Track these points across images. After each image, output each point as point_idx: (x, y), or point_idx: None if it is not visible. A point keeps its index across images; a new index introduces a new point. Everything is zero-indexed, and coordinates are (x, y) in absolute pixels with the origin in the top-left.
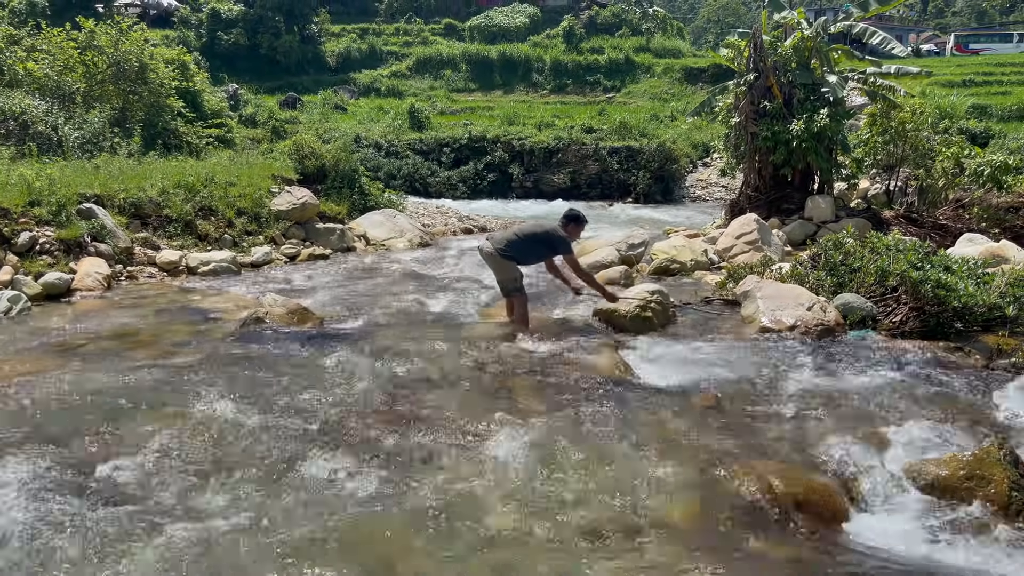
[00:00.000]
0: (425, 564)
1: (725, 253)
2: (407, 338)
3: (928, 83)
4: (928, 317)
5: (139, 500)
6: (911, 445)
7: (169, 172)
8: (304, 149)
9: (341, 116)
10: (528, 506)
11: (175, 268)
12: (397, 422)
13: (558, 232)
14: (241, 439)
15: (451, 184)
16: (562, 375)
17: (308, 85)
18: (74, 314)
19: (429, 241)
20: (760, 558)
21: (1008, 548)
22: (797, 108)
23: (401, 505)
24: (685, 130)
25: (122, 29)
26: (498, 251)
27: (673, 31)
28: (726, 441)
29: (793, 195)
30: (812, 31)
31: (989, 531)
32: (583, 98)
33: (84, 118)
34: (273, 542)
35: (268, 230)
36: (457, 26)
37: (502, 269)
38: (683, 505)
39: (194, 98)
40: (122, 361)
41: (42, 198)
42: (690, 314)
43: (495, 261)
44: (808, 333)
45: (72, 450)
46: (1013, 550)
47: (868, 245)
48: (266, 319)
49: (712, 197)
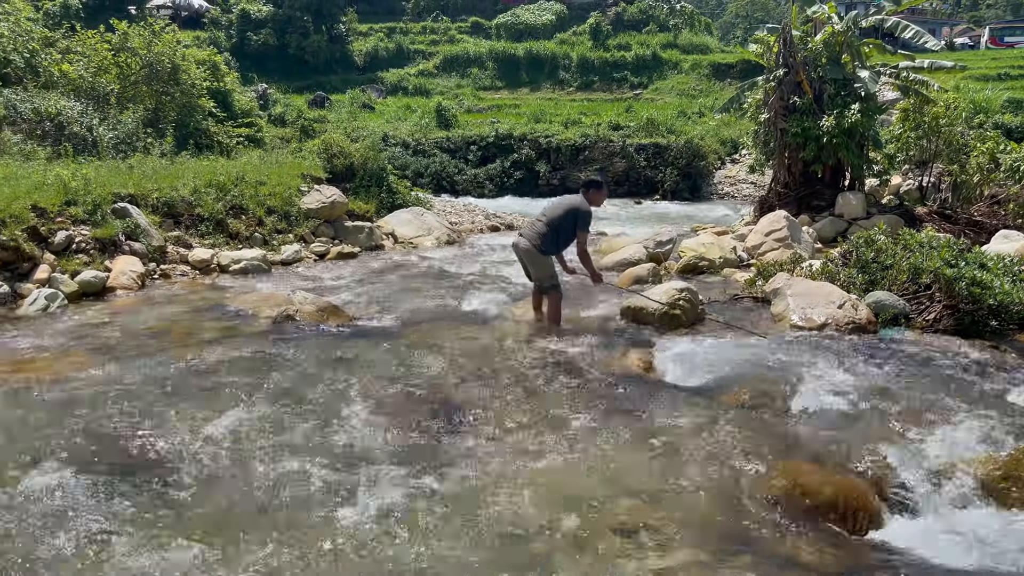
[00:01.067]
0: (452, 557)
1: (754, 250)
2: (437, 336)
3: (962, 77)
4: (962, 315)
5: (177, 493)
6: (945, 445)
7: (201, 171)
8: (333, 148)
9: (369, 115)
10: (556, 503)
11: (207, 266)
12: (427, 419)
13: (583, 207)
14: (273, 433)
15: (478, 182)
16: (589, 373)
17: (336, 84)
18: (110, 312)
19: (456, 239)
20: (790, 560)
21: None
22: (828, 104)
23: (431, 499)
24: (713, 127)
25: (154, 31)
26: (535, 247)
27: (701, 27)
28: (755, 440)
29: (823, 192)
30: (843, 25)
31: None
32: (610, 95)
33: (118, 119)
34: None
35: (298, 228)
36: (484, 24)
37: (539, 265)
38: (712, 505)
39: (225, 98)
40: (157, 358)
41: (78, 198)
42: (719, 312)
43: (531, 256)
44: (839, 331)
45: (113, 446)
46: None
47: (900, 242)
48: (297, 316)
49: (740, 194)
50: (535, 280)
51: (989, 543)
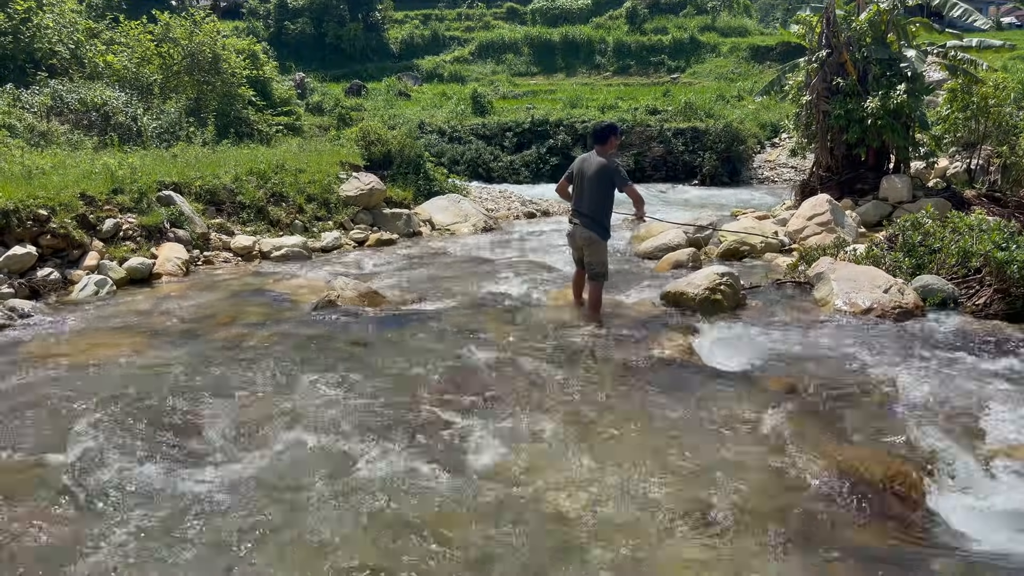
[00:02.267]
0: (494, 542)
1: (796, 235)
2: (477, 321)
3: (1011, 56)
4: (1014, 299)
5: (222, 466)
6: (997, 429)
7: (241, 160)
8: (370, 136)
9: (405, 102)
10: (598, 488)
11: (249, 253)
12: (469, 403)
13: (611, 165)
14: (315, 414)
15: (514, 168)
16: (631, 358)
17: (372, 72)
18: (157, 297)
19: (493, 225)
20: (839, 546)
21: None
22: (872, 85)
23: (470, 484)
24: (752, 110)
25: (195, 21)
26: (597, 234)
27: (740, 9)
28: (801, 425)
29: (867, 175)
30: (888, 4)
31: None
32: (647, 79)
33: (161, 108)
34: (348, 514)
35: (337, 216)
36: (519, 10)
37: (597, 251)
38: (758, 490)
39: (263, 87)
40: (204, 341)
41: (124, 186)
42: (761, 297)
43: (592, 245)
44: (885, 316)
45: (165, 423)
46: None
47: (949, 225)
48: (338, 302)
49: (781, 179)
50: (587, 265)
51: None
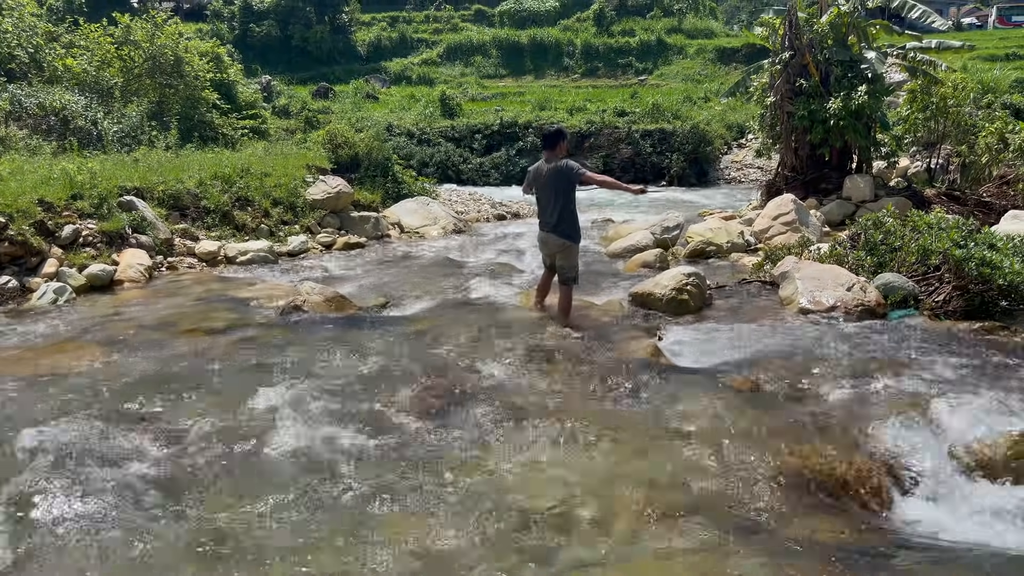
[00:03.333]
0: (463, 544)
1: (762, 235)
2: (444, 324)
3: (970, 57)
4: (972, 296)
5: (180, 484)
6: (957, 426)
7: (206, 164)
8: (337, 138)
9: (373, 105)
10: (567, 489)
11: (214, 258)
12: (433, 408)
13: (563, 166)
14: (279, 423)
15: (483, 171)
16: (599, 358)
17: (340, 75)
18: (118, 304)
19: (463, 228)
20: (804, 541)
21: None
22: (834, 86)
23: (437, 488)
24: (719, 111)
25: (157, 23)
26: (569, 239)
27: (705, 11)
28: (766, 424)
29: (830, 175)
30: (849, 6)
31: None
32: (615, 81)
33: (122, 112)
34: (307, 524)
35: (304, 219)
36: (487, 12)
37: (569, 256)
38: (725, 487)
39: (228, 90)
40: (166, 349)
41: (84, 191)
42: (727, 296)
43: (564, 250)
44: (849, 314)
45: (119, 434)
46: None
47: (909, 224)
48: (304, 307)
49: (747, 179)
50: (559, 269)
51: (1000, 521)
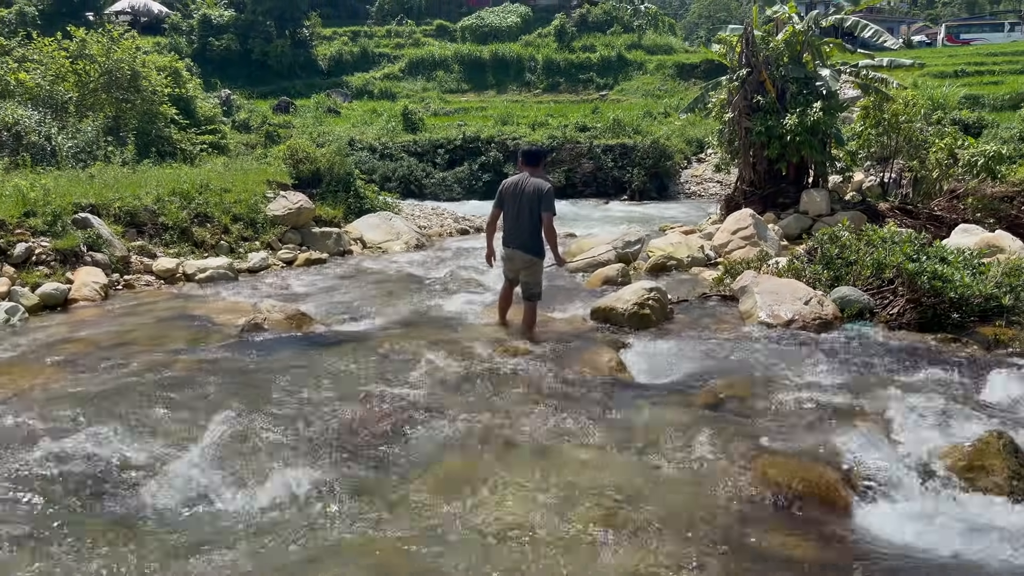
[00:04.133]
0: (427, 563)
1: (721, 249)
2: (406, 340)
3: (920, 74)
4: (925, 309)
5: (138, 505)
6: (911, 436)
7: (164, 180)
8: (298, 153)
9: (334, 119)
10: (529, 505)
11: (172, 276)
12: (394, 424)
13: (544, 187)
14: (238, 444)
15: (446, 185)
16: (562, 374)
17: (301, 89)
18: (72, 324)
19: (425, 243)
20: (765, 553)
21: (1009, 537)
22: (790, 102)
23: (398, 504)
24: (679, 126)
25: (113, 37)
26: (535, 255)
27: (665, 27)
28: (725, 436)
29: (788, 189)
30: (804, 25)
31: (990, 520)
32: (576, 96)
33: (77, 127)
34: (274, 545)
35: (264, 235)
36: (449, 27)
37: (533, 271)
38: (687, 501)
39: (187, 105)
40: (121, 369)
41: (37, 209)
42: (688, 310)
43: (527, 263)
44: (806, 327)
45: (75, 460)
46: (1014, 539)
47: (864, 238)
48: (265, 325)
49: (707, 193)
50: (524, 286)
51: (955, 529)
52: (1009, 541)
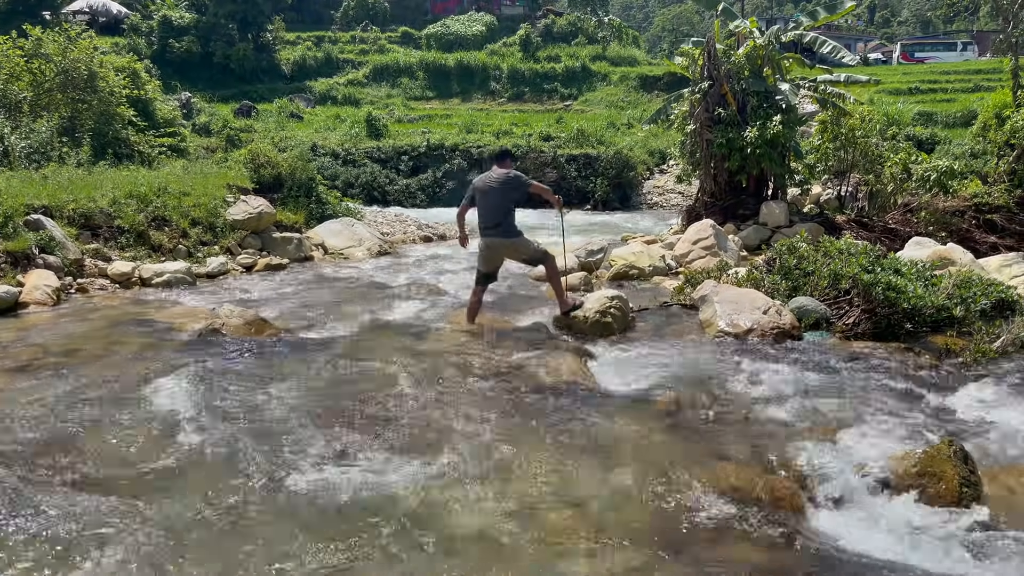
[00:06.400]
0: (389, 571)
1: (682, 259)
2: (366, 347)
3: (876, 91)
4: (880, 319)
5: (88, 515)
6: (865, 443)
7: (120, 182)
8: (260, 158)
9: (297, 124)
10: (491, 511)
11: (128, 280)
12: (353, 431)
13: (510, 173)
14: (192, 451)
15: (410, 192)
16: (521, 381)
17: (263, 93)
18: (22, 328)
19: (388, 249)
20: (721, 560)
21: (959, 542)
22: (751, 115)
23: (358, 512)
24: (642, 137)
25: (70, 36)
26: (500, 233)
27: (628, 39)
28: (685, 444)
29: (748, 201)
30: (764, 40)
31: (941, 526)
32: (540, 106)
33: (31, 127)
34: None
35: (224, 240)
36: (413, 34)
37: (521, 248)
38: (642, 510)
39: (145, 107)
40: (73, 376)
41: None
42: (649, 319)
43: (510, 245)
44: (764, 336)
45: (21, 468)
46: (963, 544)
47: (821, 249)
48: (223, 330)
49: (669, 204)
50: (524, 262)
51: (903, 535)
52: (958, 546)
